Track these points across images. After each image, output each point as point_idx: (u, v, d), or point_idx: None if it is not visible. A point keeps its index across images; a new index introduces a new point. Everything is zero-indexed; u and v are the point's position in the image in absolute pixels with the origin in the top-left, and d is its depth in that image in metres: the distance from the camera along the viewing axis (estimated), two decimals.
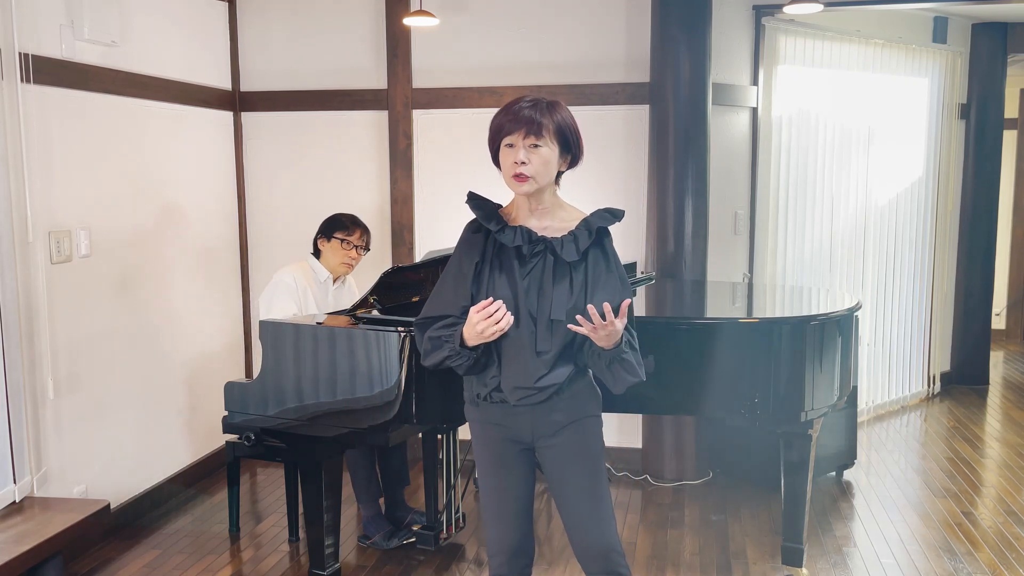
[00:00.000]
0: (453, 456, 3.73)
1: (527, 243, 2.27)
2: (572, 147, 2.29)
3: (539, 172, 2.22)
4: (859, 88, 5.53)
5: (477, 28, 4.67)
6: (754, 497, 4.34)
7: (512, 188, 2.28)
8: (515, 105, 2.24)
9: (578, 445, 2.35)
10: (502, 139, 2.25)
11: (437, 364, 2.32)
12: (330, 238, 3.78)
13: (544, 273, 2.27)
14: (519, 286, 2.26)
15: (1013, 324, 8.43)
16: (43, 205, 3.45)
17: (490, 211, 2.32)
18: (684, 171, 4.36)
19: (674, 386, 3.21)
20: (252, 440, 3.26)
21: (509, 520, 2.41)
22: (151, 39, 4.10)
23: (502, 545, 2.43)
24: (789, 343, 3.16)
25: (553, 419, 2.33)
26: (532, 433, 2.36)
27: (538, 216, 2.31)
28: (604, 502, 2.37)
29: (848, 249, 5.65)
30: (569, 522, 2.40)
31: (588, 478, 2.36)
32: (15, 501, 3.31)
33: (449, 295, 2.34)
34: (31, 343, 3.42)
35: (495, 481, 2.41)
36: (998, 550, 3.74)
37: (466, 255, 2.33)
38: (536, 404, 2.30)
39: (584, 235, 2.28)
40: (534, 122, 2.20)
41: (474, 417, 2.42)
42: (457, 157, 4.74)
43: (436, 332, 2.31)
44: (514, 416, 2.34)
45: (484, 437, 2.41)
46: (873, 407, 5.86)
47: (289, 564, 3.67)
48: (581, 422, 2.36)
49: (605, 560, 2.36)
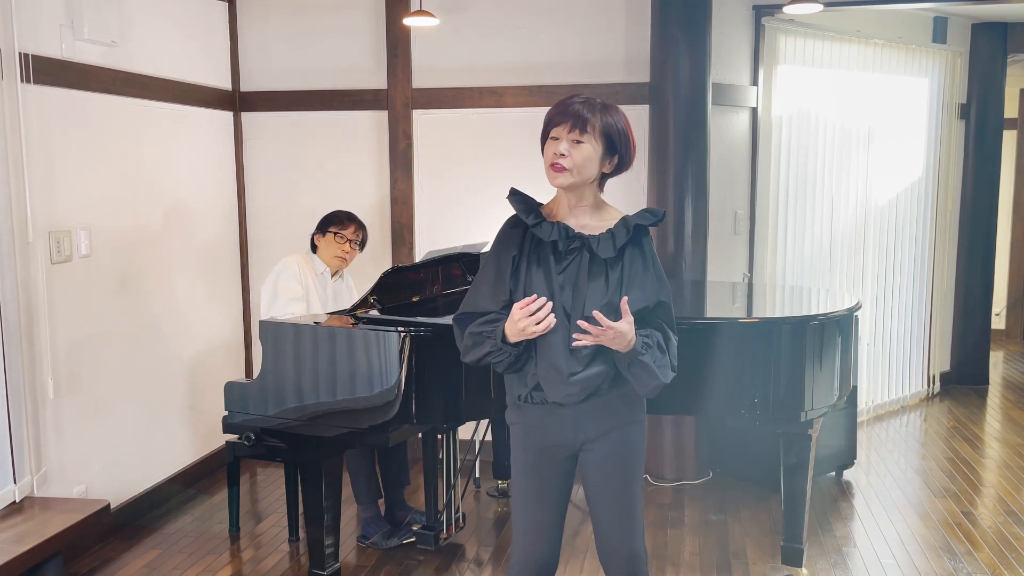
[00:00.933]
0: (453, 456, 3.73)
1: (563, 239, 2.26)
2: (619, 149, 2.28)
3: (577, 166, 2.22)
4: (859, 88, 5.53)
5: (477, 28, 4.67)
6: (754, 497, 4.35)
7: (549, 180, 2.26)
8: (568, 100, 2.25)
9: (621, 450, 2.33)
10: (550, 131, 2.25)
11: (478, 360, 2.30)
12: (324, 232, 3.84)
13: (580, 270, 2.25)
14: (555, 282, 2.24)
15: (1013, 324, 8.43)
16: (43, 205, 3.45)
17: (530, 206, 2.31)
18: (684, 171, 4.36)
19: (674, 386, 3.17)
20: (252, 440, 3.26)
21: (538, 533, 2.37)
22: (151, 39, 4.10)
23: (528, 555, 2.38)
24: (789, 343, 3.16)
25: (597, 422, 2.31)
26: (575, 436, 2.32)
27: (577, 214, 2.31)
28: (636, 508, 2.36)
29: (848, 249, 5.65)
30: (599, 523, 2.39)
31: (625, 483, 2.34)
32: (15, 501, 3.31)
33: (487, 291, 2.32)
34: (31, 343, 3.42)
35: (529, 488, 2.37)
36: (998, 550, 3.74)
37: (504, 249, 2.31)
38: (577, 404, 2.28)
39: (622, 233, 2.27)
40: (581, 117, 2.21)
41: (515, 420, 2.38)
42: (457, 157, 4.74)
43: (477, 328, 2.28)
44: (556, 418, 2.31)
45: (524, 441, 2.37)
46: (873, 407, 5.86)
47: (289, 564, 3.67)
48: (626, 427, 2.34)
49: (629, 564, 2.36)
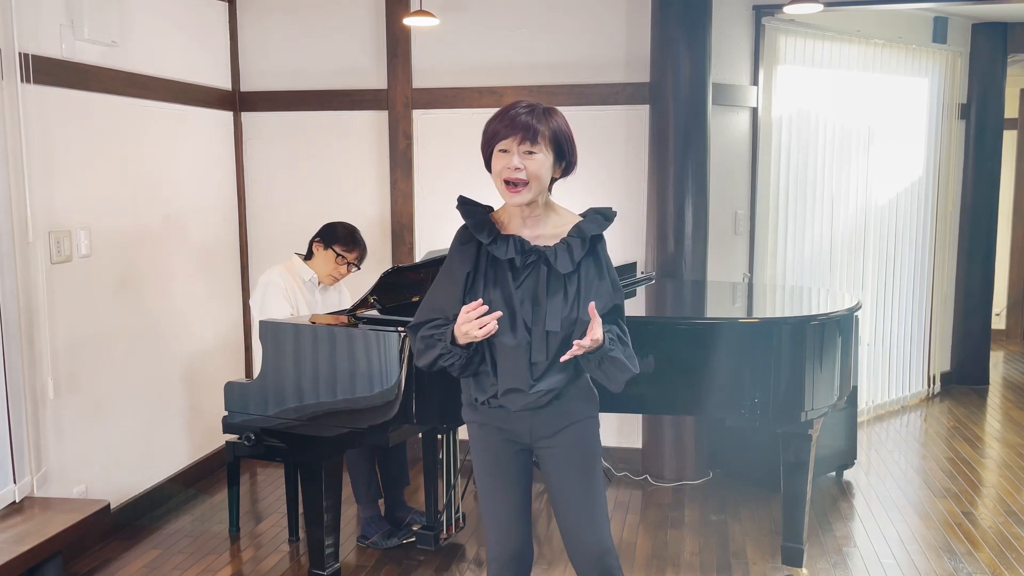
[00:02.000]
0: (453, 456, 3.73)
1: (520, 254, 2.25)
2: (566, 155, 2.27)
3: (534, 177, 2.19)
4: (859, 88, 5.53)
5: (477, 28, 4.67)
6: (754, 497, 4.34)
7: (505, 198, 2.24)
8: (511, 111, 2.21)
9: (575, 446, 2.36)
10: (496, 144, 2.21)
11: (430, 364, 2.31)
12: (328, 247, 3.76)
13: (538, 284, 2.25)
14: (513, 296, 2.24)
15: (1013, 324, 8.43)
16: (43, 205, 3.45)
17: (481, 218, 2.29)
18: (684, 171, 4.36)
19: (674, 386, 3.21)
20: (252, 440, 3.26)
21: (507, 523, 2.41)
22: (151, 39, 4.10)
23: (500, 548, 2.43)
24: (789, 343, 3.16)
25: (551, 421, 2.34)
26: (531, 435, 2.36)
27: (531, 224, 2.29)
28: (599, 504, 2.37)
29: (848, 249, 5.65)
30: (564, 523, 2.40)
31: (584, 480, 2.36)
32: (15, 501, 3.31)
33: (441, 300, 2.33)
34: (31, 343, 3.42)
35: (493, 483, 2.42)
36: (998, 550, 3.74)
37: (458, 264, 2.30)
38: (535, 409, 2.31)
39: (577, 244, 2.26)
40: (530, 128, 2.17)
41: (472, 419, 2.42)
42: (457, 157, 4.73)
43: (427, 332, 2.31)
44: (513, 420, 2.34)
45: (482, 439, 2.41)
46: (873, 407, 5.86)
47: (289, 564, 3.67)
48: (579, 423, 2.36)
49: (599, 562, 2.37)
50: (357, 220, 4.79)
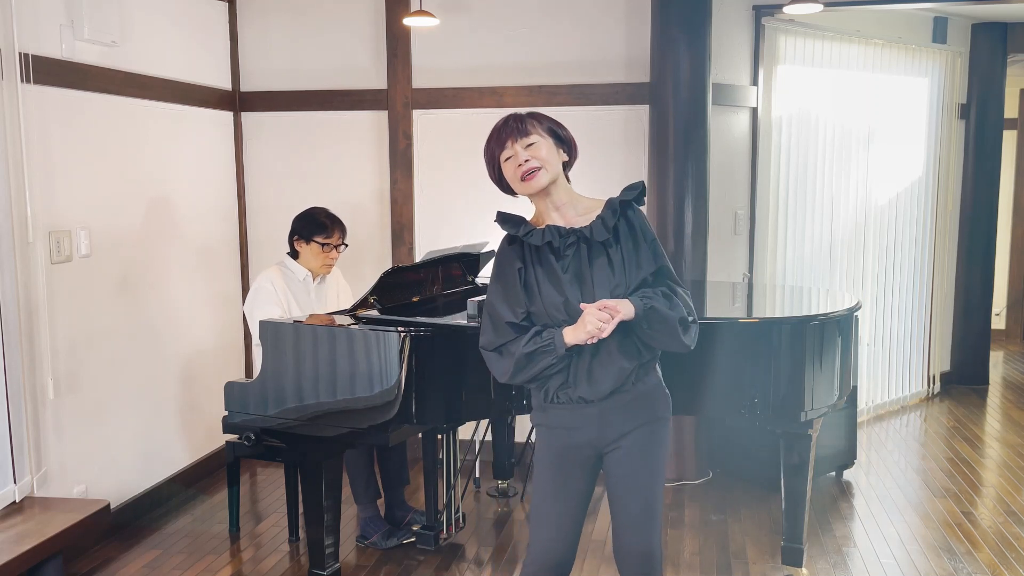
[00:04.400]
0: (453, 456, 3.73)
1: (557, 238, 2.29)
2: (563, 137, 2.34)
3: (544, 161, 2.26)
4: (859, 88, 5.53)
5: (477, 28, 4.67)
6: (754, 497, 4.35)
7: (526, 192, 2.30)
8: (495, 129, 2.31)
9: (646, 448, 2.35)
10: (499, 159, 2.30)
11: (533, 378, 2.30)
12: (309, 241, 3.73)
13: (581, 261, 2.29)
14: (562, 280, 2.28)
15: (1013, 324, 8.43)
16: (43, 205, 3.45)
17: (517, 222, 2.35)
18: (684, 171, 4.36)
19: (674, 386, 3.18)
20: (252, 440, 3.26)
21: (556, 531, 2.38)
22: (151, 39, 4.10)
23: (544, 555, 2.38)
24: (789, 343, 3.16)
25: (621, 421, 2.33)
26: (599, 436, 2.34)
27: (561, 213, 2.34)
28: (657, 507, 2.37)
29: (848, 249, 5.65)
30: (618, 521, 2.40)
31: (648, 482, 2.35)
32: (15, 501, 3.31)
33: (505, 312, 2.31)
34: (31, 343, 3.42)
35: (552, 485, 2.38)
36: (998, 550, 3.74)
37: (507, 267, 2.34)
38: (603, 401, 2.30)
39: (609, 214, 2.30)
40: (518, 128, 2.28)
41: (541, 421, 2.41)
42: (457, 157, 4.73)
43: (529, 347, 2.26)
44: (581, 418, 2.33)
45: (548, 442, 2.39)
46: (873, 407, 5.86)
47: (289, 564, 3.67)
48: (650, 425, 2.36)
49: (645, 563, 2.36)
50: (357, 220, 4.81)
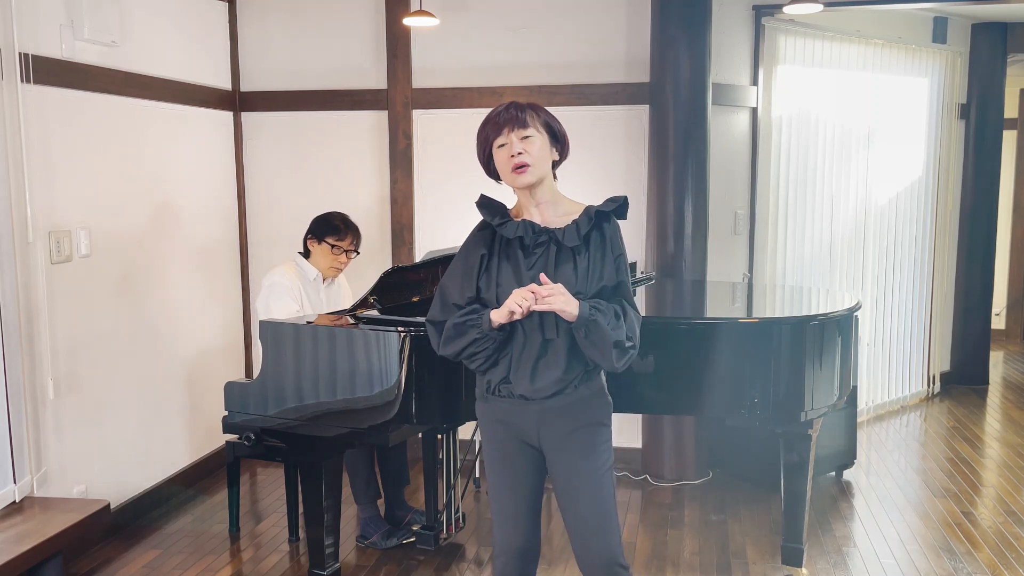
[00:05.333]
0: (453, 456, 3.73)
1: (530, 234, 2.31)
2: (559, 136, 2.35)
3: (536, 158, 2.28)
4: (859, 88, 5.53)
5: (477, 28, 4.67)
6: (754, 497, 4.34)
7: (513, 184, 2.31)
8: (494, 114, 2.32)
9: (586, 453, 2.34)
10: (492, 144, 2.31)
11: (459, 352, 2.31)
12: (321, 241, 3.75)
13: (548, 262, 2.30)
14: (524, 276, 2.29)
15: (1013, 324, 8.43)
16: (43, 205, 3.45)
17: (496, 210, 2.36)
18: (684, 171, 4.36)
19: (674, 386, 3.21)
20: (252, 440, 3.26)
21: (514, 519, 2.41)
22: (151, 39, 4.10)
23: (506, 545, 2.43)
24: (789, 343, 3.16)
25: (560, 423, 2.33)
26: (539, 435, 2.36)
27: (541, 211, 2.36)
28: (610, 512, 2.36)
29: (848, 249, 5.65)
30: (573, 530, 2.39)
31: (595, 487, 2.35)
32: (15, 501, 3.31)
33: (455, 292, 2.36)
34: (31, 343, 3.42)
35: (501, 479, 2.42)
36: (998, 550, 3.74)
37: (472, 251, 2.36)
38: (544, 400, 2.31)
39: (585, 221, 2.31)
40: (517, 117, 2.28)
41: (483, 413, 2.43)
42: (457, 157, 4.73)
43: (459, 319, 2.30)
44: (522, 415, 2.34)
45: (492, 434, 2.42)
46: (873, 407, 5.86)
47: (289, 564, 3.67)
48: (590, 428, 2.35)
49: (608, 572, 2.35)
50: (357, 220, 4.78)
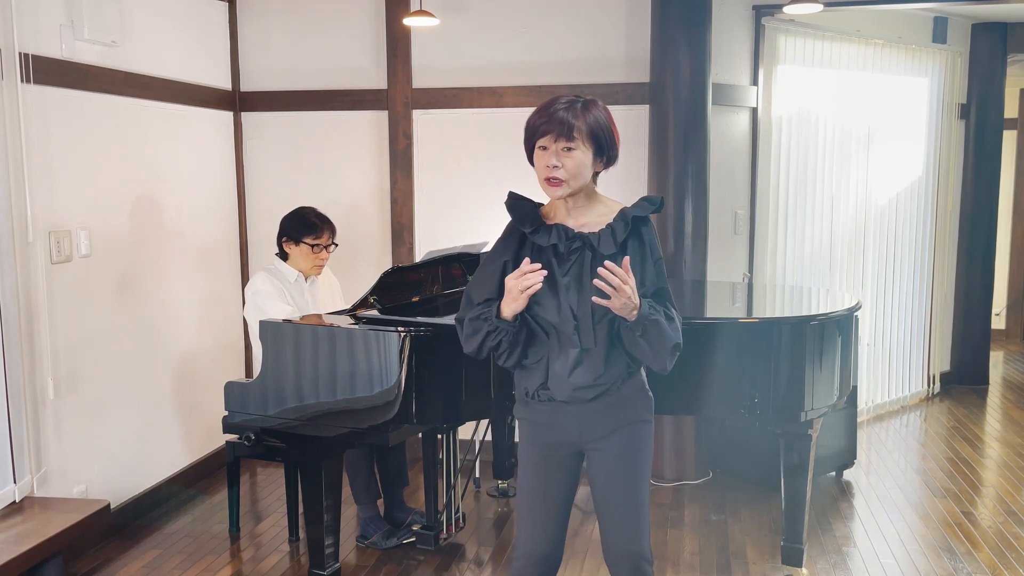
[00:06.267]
0: (453, 456, 3.73)
1: (563, 241, 2.27)
2: (606, 149, 2.28)
3: (572, 176, 2.22)
4: (859, 88, 5.53)
5: (477, 28, 4.67)
6: (754, 497, 4.34)
7: (546, 192, 2.27)
8: (550, 106, 2.23)
9: (627, 450, 2.34)
10: (536, 140, 2.25)
11: (478, 347, 2.30)
12: (299, 242, 3.71)
13: (583, 269, 2.26)
14: (559, 284, 2.26)
15: (1013, 324, 8.43)
16: (43, 205, 3.45)
17: (526, 212, 2.31)
18: (684, 171, 4.36)
19: (674, 386, 3.20)
20: (252, 440, 3.26)
21: (543, 525, 2.39)
22: (151, 39, 4.10)
23: (530, 549, 2.40)
24: (789, 343, 3.16)
25: (603, 422, 2.32)
26: (580, 435, 2.34)
27: (575, 214, 2.31)
28: (643, 509, 2.36)
29: (848, 249, 5.65)
30: (604, 523, 2.39)
31: (632, 484, 2.35)
32: (15, 501, 3.31)
33: (476, 293, 2.34)
34: (31, 343, 3.42)
35: (535, 483, 2.39)
36: (998, 550, 3.74)
37: (500, 253, 2.34)
38: (585, 403, 2.30)
39: (621, 227, 2.28)
40: (566, 124, 2.19)
41: (523, 416, 2.41)
42: (457, 157, 4.73)
43: (473, 315, 2.30)
44: (562, 416, 2.33)
45: (531, 437, 2.39)
46: (873, 407, 5.86)
47: (289, 564, 3.67)
48: (632, 427, 2.35)
49: (634, 566, 2.36)
50: (357, 220, 4.82)
